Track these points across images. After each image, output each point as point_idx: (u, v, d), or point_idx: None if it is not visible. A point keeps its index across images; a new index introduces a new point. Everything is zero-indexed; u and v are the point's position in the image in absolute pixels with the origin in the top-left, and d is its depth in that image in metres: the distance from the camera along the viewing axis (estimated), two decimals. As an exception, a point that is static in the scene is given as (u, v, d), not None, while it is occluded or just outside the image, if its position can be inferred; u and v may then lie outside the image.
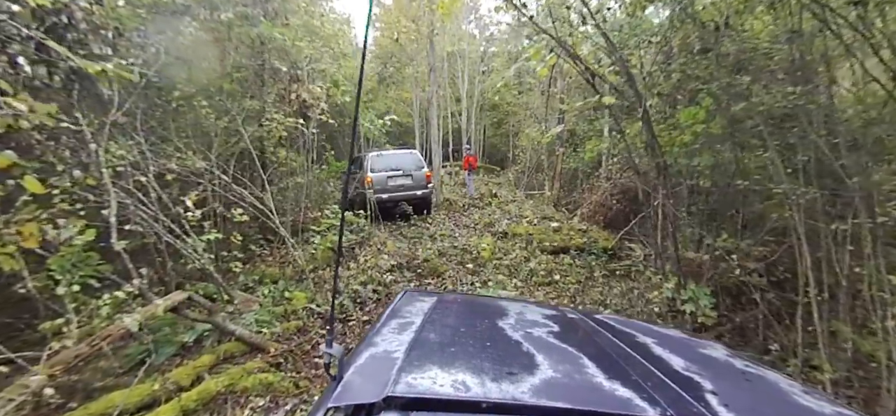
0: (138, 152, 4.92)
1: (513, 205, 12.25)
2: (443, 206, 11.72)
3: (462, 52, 22.08)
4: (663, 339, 1.68)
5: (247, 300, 5.15)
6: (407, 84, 22.32)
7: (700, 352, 1.61)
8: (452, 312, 1.84)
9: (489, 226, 9.55)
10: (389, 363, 1.12)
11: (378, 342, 1.34)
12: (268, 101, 7.51)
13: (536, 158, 17.52)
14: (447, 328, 1.57)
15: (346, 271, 6.07)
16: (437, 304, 1.83)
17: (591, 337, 1.57)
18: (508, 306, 1.92)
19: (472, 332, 1.51)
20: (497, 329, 1.52)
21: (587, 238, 8.92)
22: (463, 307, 2.02)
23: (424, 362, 1.17)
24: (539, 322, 1.62)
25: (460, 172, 17.56)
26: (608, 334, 1.60)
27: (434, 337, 1.43)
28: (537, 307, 2.02)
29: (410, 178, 9.85)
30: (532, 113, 18.05)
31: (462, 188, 15.28)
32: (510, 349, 1.33)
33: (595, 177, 13.96)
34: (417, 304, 1.80)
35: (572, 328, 1.66)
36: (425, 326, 1.49)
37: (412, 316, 1.60)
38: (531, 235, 8.66)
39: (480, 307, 2.04)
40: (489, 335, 1.46)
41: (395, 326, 1.50)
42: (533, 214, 10.77)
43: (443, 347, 1.36)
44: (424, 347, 1.30)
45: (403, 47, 19.08)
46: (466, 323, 1.67)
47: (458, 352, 1.28)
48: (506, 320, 1.63)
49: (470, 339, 1.43)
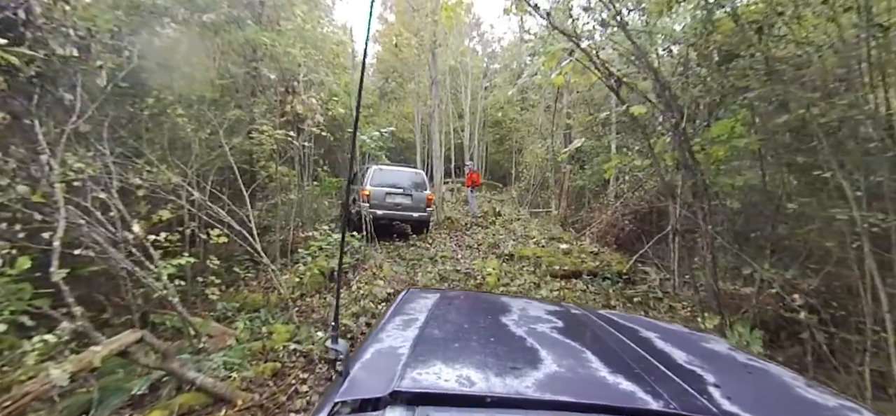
0: (102, 165, 4.36)
1: (518, 224, 11.64)
2: (444, 225, 11.11)
3: (465, 67, 21.70)
4: (666, 334, 1.66)
5: (221, 334, 4.52)
6: (409, 100, 21.93)
7: (703, 346, 1.60)
8: (456, 308, 1.85)
9: (494, 247, 8.93)
10: (394, 358, 1.12)
11: (383, 339, 1.34)
12: (257, 111, 6.97)
13: (541, 176, 16.95)
14: (451, 325, 1.58)
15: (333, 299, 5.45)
16: (441, 301, 1.83)
17: (594, 332, 1.57)
18: (511, 302, 1.93)
19: (475, 328, 1.53)
20: (500, 325, 1.53)
21: (599, 261, 8.29)
22: (466, 304, 2.05)
23: (429, 357, 1.17)
24: (542, 318, 1.63)
25: (462, 189, 16.98)
26: (611, 329, 1.60)
27: (438, 333, 1.43)
28: (540, 303, 2.06)
29: (410, 198, 9.37)
30: (537, 129, 17.53)
31: (464, 206, 14.68)
32: (514, 345, 1.34)
33: (603, 196, 13.38)
34: (421, 301, 1.80)
35: (575, 324, 1.66)
36: (429, 322, 1.49)
37: (416, 313, 1.60)
38: (540, 257, 8.03)
39: (484, 304, 2.09)
40: (493, 331, 1.47)
41: (399, 322, 1.49)
42: (540, 234, 10.15)
43: (447, 343, 1.36)
44: (429, 343, 1.31)
45: (405, 62, 18.70)
46: (470, 319, 1.68)
47: (462, 348, 1.28)
48: (509, 316, 1.63)
49: (474, 335, 1.42)
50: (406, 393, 0.90)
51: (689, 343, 1.62)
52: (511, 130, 24.72)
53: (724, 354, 1.55)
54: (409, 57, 14.60)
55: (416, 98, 19.38)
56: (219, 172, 6.18)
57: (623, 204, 10.03)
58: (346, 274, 6.06)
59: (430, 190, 9.94)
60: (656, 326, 1.86)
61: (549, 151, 16.54)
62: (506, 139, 26.09)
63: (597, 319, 1.75)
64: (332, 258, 6.28)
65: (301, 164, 10.84)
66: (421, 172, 10.47)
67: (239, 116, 5.99)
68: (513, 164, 24.38)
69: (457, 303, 1.98)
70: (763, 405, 1.11)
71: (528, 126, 21.91)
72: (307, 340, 4.27)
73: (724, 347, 1.62)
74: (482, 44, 28.57)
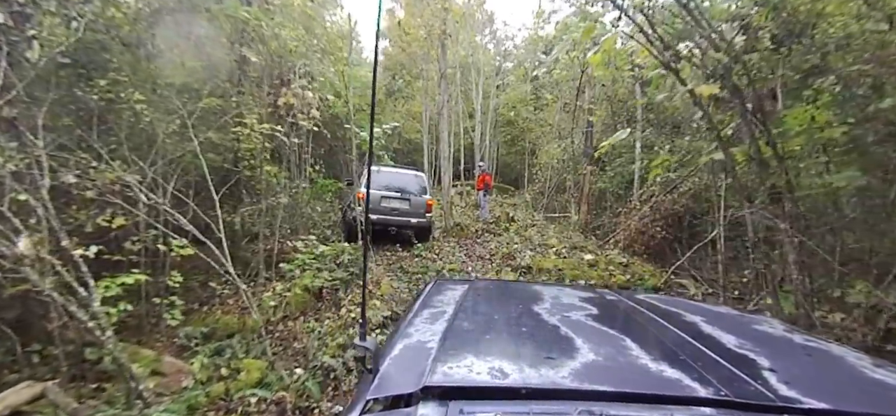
0: (34, 159, 3.52)
1: (534, 231, 10.67)
2: (452, 232, 10.18)
3: (476, 64, 20.78)
4: (712, 316, 1.56)
5: (175, 372, 3.64)
6: (417, 98, 21.05)
7: (754, 328, 1.51)
8: (485, 298, 1.79)
9: (508, 258, 7.98)
10: (424, 352, 1.09)
11: (411, 333, 1.30)
12: (240, 101, 6.12)
13: (558, 178, 15.94)
14: (480, 316, 1.54)
15: (322, 324, 4.54)
16: (469, 291, 1.75)
17: (633, 318, 1.51)
18: (543, 290, 1.86)
19: (506, 318, 1.49)
20: (532, 314, 1.47)
21: (630, 274, 7.31)
22: (495, 293, 1.99)
23: (460, 350, 1.13)
24: (576, 305, 1.58)
25: (473, 193, 16.04)
26: (651, 313, 1.51)
27: (468, 325, 1.40)
28: (573, 290, 2.07)
29: (407, 202, 8.62)
30: (554, 128, 16.53)
31: (475, 210, 13.74)
32: (547, 334, 1.30)
33: (627, 199, 12.35)
34: (449, 292, 1.73)
35: (612, 310, 1.62)
36: (458, 314, 1.44)
37: (444, 305, 1.54)
38: (561, 270, 7.07)
39: (514, 292, 2.00)
40: (525, 320, 1.42)
41: (427, 315, 1.46)
42: (559, 242, 9.17)
43: (477, 334, 1.33)
44: (459, 335, 1.27)
45: (413, 57, 17.84)
46: (500, 309, 1.64)
47: (494, 339, 1.26)
48: (541, 304, 1.56)
49: (505, 325, 1.40)
50: (437, 388, 0.87)
51: (739, 326, 1.53)
52: (524, 131, 23.73)
53: (779, 335, 1.44)
54: (418, 51, 13.72)
55: (424, 95, 18.50)
56: (195, 171, 5.34)
57: (653, 209, 9.01)
58: (335, 292, 5.16)
59: (431, 195, 9.21)
60: (701, 308, 1.75)
61: (566, 151, 15.55)
62: (518, 140, 25.07)
63: (635, 303, 1.66)
64: (322, 272, 5.41)
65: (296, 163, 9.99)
66: (421, 174, 9.67)
67: (212, 104, 5.10)
68: (526, 165, 23.38)
69: (486, 293, 1.91)
70: (826, 388, 1.00)
71: (544, 125, 20.92)
72: (279, 382, 3.36)
73: (779, 328, 1.50)
74: (495, 41, 27.58)
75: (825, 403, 0.86)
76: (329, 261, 6.34)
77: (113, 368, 3.54)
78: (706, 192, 8.89)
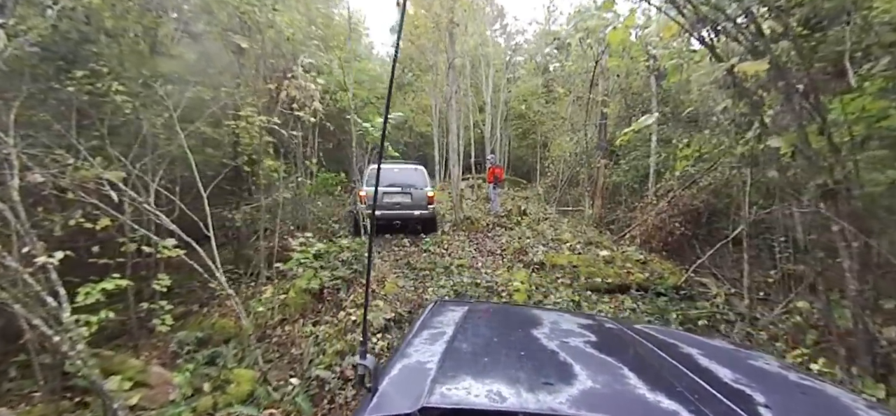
0: (3, 157, 3.28)
1: (546, 225, 10.28)
2: (462, 226, 9.84)
3: (487, 57, 20.34)
4: (710, 350, 1.56)
5: (162, 384, 3.39)
6: (426, 91, 20.69)
7: (751, 364, 1.50)
8: (485, 321, 1.79)
9: (521, 253, 7.62)
10: (423, 373, 1.09)
11: (410, 353, 1.31)
12: (238, 93, 5.84)
13: (570, 171, 15.49)
14: (480, 338, 1.53)
15: (320, 326, 4.25)
16: (469, 314, 1.76)
17: (631, 347, 1.51)
18: (542, 315, 1.86)
19: (505, 341, 1.49)
20: (531, 339, 1.47)
21: (649, 272, 6.91)
22: (495, 317, 1.99)
23: (458, 372, 1.13)
24: (575, 331, 1.57)
25: (484, 186, 15.67)
26: (649, 344, 1.51)
27: (467, 347, 1.39)
28: (572, 316, 2.03)
29: (409, 196, 8.82)
30: (567, 120, 16.06)
31: (485, 204, 13.38)
32: (546, 359, 1.29)
33: (642, 194, 11.87)
34: (449, 314, 1.73)
35: (611, 338, 1.60)
36: (457, 336, 1.45)
37: (444, 326, 1.55)
38: (576, 267, 6.70)
39: (513, 317, 2.01)
40: (523, 345, 1.42)
41: (426, 336, 1.47)
42: (573, 237, 8.78)
43: (476, 357, 1.32)
44: (458, 357, 1.28)
45: (422, 49, 17.47)
46: (499, 333, 1.62)
47: (492, 362, 1.25)
48: (540, 329, 1.57)
49: (504, 348, 1.40)
50: (435, 409, 0.89)
51: (736, 360, 1.51)
52: (536, 124, 23.24)
53: (774, 372, 1.42)
54: (426, 42, 13.37)
55: (433, 87, 18.14)
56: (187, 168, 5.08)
57: (671, 204, 8.56)
58: (336, 293, 4.86)
59: (431, 187, 9.29)
60: (698, 341, 1.75)
61: (578, 144, 15.07)
62: (530, 133, 24.60)
63: (633, 333, 1.65)
64: (324, 270, 5.13)
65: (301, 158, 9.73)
66: (420, 168, 9.72)
67: (203, 96, 4.82)
68: (538, 159, 22.91)
69: (486, 316, 1.93)
70: None
71: (555, 118, 20.43)
72: (267, 397, 3.07)
73: (775, 364, 1.49)
74: (505, 36, 27.05)
75: None
76: (333, 258, 6.06)
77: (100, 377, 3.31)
78: (726, 187, 8.44)
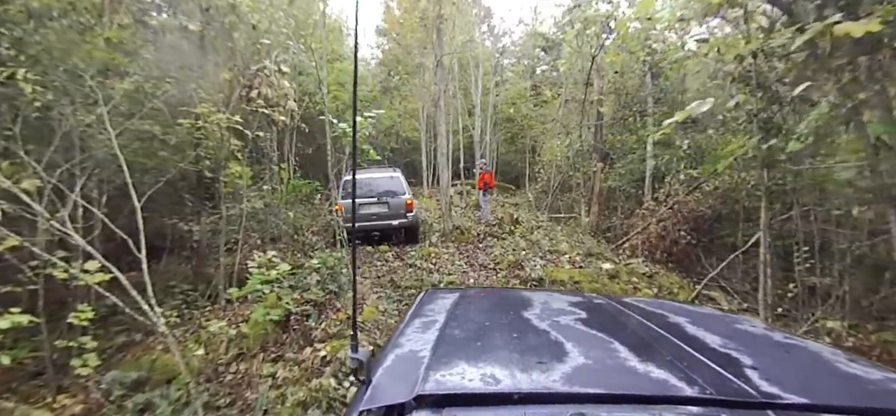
0: None
1: (541, 234, 9.66)
2: (451, 236, 9.17)
3: (475, 58, 19.80)
4: (696, 317, 1.61)
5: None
6: (414, 95, 20.02)
7: (736, 328, 1.54)
8: (476, 307, 1.82)
9: (516, 267, 6.99)
10: (416, 362, 1.09)
11: (403, 343, 1.31)
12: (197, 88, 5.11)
13: (562, 176, 14.95)
14: (472, 323, 1.54)
15: (282, 365, 3.53)
16: (460, 300, 1.77)
17: (620, 321, 1.55)
18: (532, 296, 1.88)
19: (497, 325, 1.49)
20: (523, 320, 1.49)
21: (656, 286, 6.32)
22: (486, 301, 2.02)
23: (452, 358, 1.14)
24: (565, 310, 1.59)
25: (473, 192, 15.05)
26: (638, 316, 1.55)
27: (459, 333, 1.40)
28: (562, 295, 2.02)
29: (386, 206, 8.49)
30: (558, 122, 15.53)
31: (476, 212, 12.74)
32: (538, 339, 1.31)
33: (639, 198, 11.35)
34: (440, 302, 1.74)
35: (600, 313, 1.63)
36: (449, 323, 1.45)
37: (435, 314, 1.56)
38: (578, 283, 6.07)
39: (504, 300, 2.04)
40: (515, 327, 1.43)
41: (418, 325, 1.46)
42: (571, 247, 8.17)
43: (469, 342, 1.33)
44: (451, 343, 1.28)
45: (409, 51, 16.83)
46: (491, 317, 1.63)
47: (485, 346, 1.26)
48: (531, 310, 1.59)
49: (496, 332, 1.40)
50: (430, 396, 0.88)
51: (722, 326, 1.56)
52: (524, 127, 22.73)
53: (760, 334, 1.49)
54: (413, 40, 12.75)
55: (420, 89, 17.49)
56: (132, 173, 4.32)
57: (674, 211, 8.01)
58: (305, 320, 4.14)
59: (409, 193, 8.90)
60: (686, 310, 1.79)
61: (570, 147, 14.55)
62: (519, 137, 24.07)
63: (622, 307, 1.69)
64: (293, 291, 4.42)
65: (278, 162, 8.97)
66: (397, 174, 9.22)
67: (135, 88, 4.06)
68: (527, 163, 22.38)
69: (477, 301, 1.94)
70: (805, 383, 1.04)
71: (545, 122, 19.94)
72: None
73: (760, 327, 1.55)
74: (493, 38, 26.58)
75: (804, 398, 0.90)
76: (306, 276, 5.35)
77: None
78: (734, 192, 7.94)
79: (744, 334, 1.45)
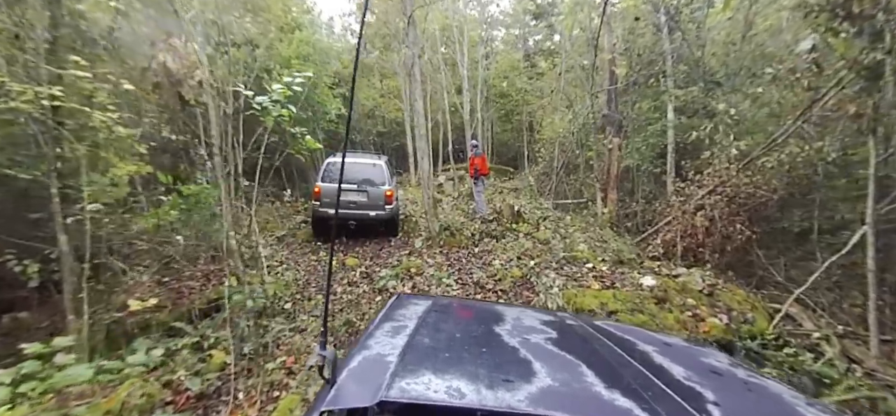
0: None
1: (549, 229, 7.81)
2: (439, 239, 7.30)
3: (460, 26, 17.69)
4: (664, 347, 1.60)
5: None
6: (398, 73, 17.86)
7: (702, 361, 1.55)
8: (447, 316, 1.77)
9: (523, 286, 5.16)
10: (383, 366, 1.09)
11: (371, 346, 1.29)
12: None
13: (565, 156, 13.04)
14: (442, 333, 1.52)
15: None
16: (432, 308, 1.73)
17: (590, 344, 1.53)
18: (505, 311, 1.85)
19: (467, 337, 1.49)
20: (493, 335, 1.47)
21: (722, 309, 4.50)
22: (459, 312, 1.98)
23: (418, 367, 1.14)
24: (537, 328, 1.58)
25: (466, 179, 13.12)
26: (608, 341, 1.54)
27: (428, 342, 1.38)
28: (535, 313, 2.03)
29: (365, 194, 7.75)
30: (559, 93, 13.55)
31: (468, 203, 10.84)
32: (507, 356, 1.30)
33: (661, 179, 9.48)
34: (411, 308, 1.71)
35: (571, 335, 1.62)
36: (419, 330, 1.44)
37: (406, 320, 1.54)
38: (615, 314, 4.23)
39: (476, 312, 2.01)
40: (485, 341, 1.41)
41: (388, 329, 1.45)
42: (591, 250, 6.34)
43: (437, 352, 1.32)
44: (419, 351, 1.27)
45: (386, 19, 14.67)
46: (462, 328, 1.63)
47: (453, 357, 1.25)
48: (502, 325, 1.57)
49: (465, 344, 1.39)
50: (393, 404, 0.90)
51: (688, 357, 1.57)
52: (520, 103, 20.71)
53: (724, 369, 1.48)
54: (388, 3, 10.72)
55: (401, 66, 15.35)
56: None
57: (728, 197, 6.13)
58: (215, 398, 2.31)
59: (390, 184, 8.03)
60: (654, 338, 1.76)
61: (574, 121, 12.62)
62: (514, 114, 22.05)
63: (593, 330, 1.66)
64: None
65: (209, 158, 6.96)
66: (379, 163, 8.42)
67: None
68: (524, 142, 20.41)
69: (449, 311, 1.88)
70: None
71: (542, 97, 17.97)
72: None
73: (725, 361, 1.55)
74: (479, 6, 24.28)
75: None
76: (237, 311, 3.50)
77: None
78: (805, 169, 6.07)
79: (709, 368, 1.45)
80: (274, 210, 9.70)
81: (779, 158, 5.81)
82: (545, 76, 19.03)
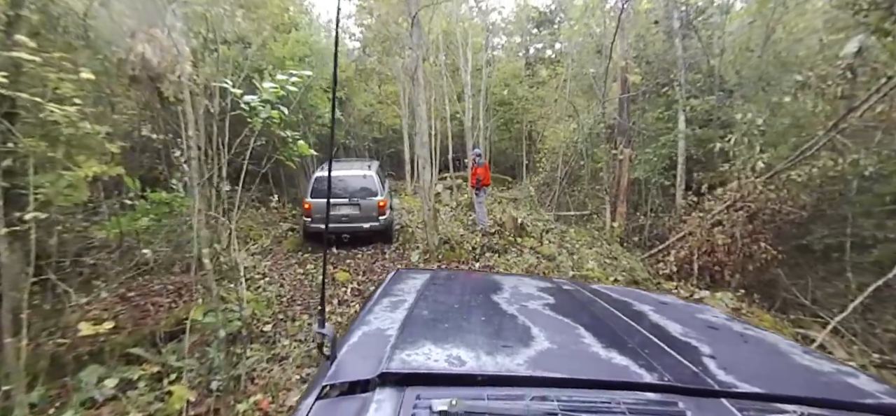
0: None
1: (554, 243, 7.34)
2: (438, 253, 6.81)
3: (464, 32, 17.31)
4: (659, 306, 1.62)
5: None
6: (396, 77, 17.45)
7: (697, 317, 1.57)
8: (445, 288, 1.78)
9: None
10: (383, 340, 1.10)
11: (371, 320, 1.30)
12: None
13: (568, 167, 12.60)
14: (440, 305, 1.51)
15: None
16: (430, 281, 1.75)
17: (587, 307, 1.55)
18: (503, 280, 1.87)
19: (466, 307, 1.47)
20: (491, 304, 1.48)
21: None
22: (456, 284, 1.98)
23: (418, 338, 1.14)
24: (534, 295, 1.58)
25: (466, 188, 12.65)
26: (604, 303, 1.57)
27: (427, 314, 1.37)
28: (532, 280, 2.00)
29: (357, 207, 7.56)
30: (564, 100, 13.16)
31: (468, 213, 10.36)
32: (505, 323, 1.31)
33: (671, 192, 9.07)
34: (410, 282, 1.71)
35: (568, 299, 1.63)
36: (418, 303, 1.43)
37: (405, 294, 1.54)
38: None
39: (474, 283, 2.02)
40: (484, 310, 1.42)
41: (387, 304, 1.45)
42: (602, 268, 5.87)
43: (436, 323, 1.31)
44: (418, 323, 1.27)
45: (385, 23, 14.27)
46: (460, 299, 1.62)
47: (452, 327, 1.25)
48: (500, 294, 1.57)
49: (464, 314, 1.39)
50: (395, 374, 0.88)
51: (684, 315, 1.56)
52: (520, 111, 20.33)
53: (720, 324, 1.49)
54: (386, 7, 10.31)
55: (401, 71, 14.93)
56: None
57: (750, 212, 5.70)
58: None
59: (383, 194, 7.87)
60: (649, 298, 1.80)
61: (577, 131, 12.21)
62: (513, 122, 21.65)
63: (589, 293, 1.70)
64: None
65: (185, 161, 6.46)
66: (370, 173, 8.14)
67: None
68: (523, 152, 20.00)
69: (447, 283, 1.88)
70: (760, 373, 1.05)
71: (545, 104, 17.60)
72: None
73: (720, 317, 1.57)
74: (481, 13, 23.99)
75: (758, 387, 0.90)
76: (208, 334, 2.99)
77: None
78: (832, 183, 5.64)
79: (704, 324, 1.47)
80: (259, 216, 9.20)
81: (809, 172, 5.38)
82: (546, 84, 18.68)
